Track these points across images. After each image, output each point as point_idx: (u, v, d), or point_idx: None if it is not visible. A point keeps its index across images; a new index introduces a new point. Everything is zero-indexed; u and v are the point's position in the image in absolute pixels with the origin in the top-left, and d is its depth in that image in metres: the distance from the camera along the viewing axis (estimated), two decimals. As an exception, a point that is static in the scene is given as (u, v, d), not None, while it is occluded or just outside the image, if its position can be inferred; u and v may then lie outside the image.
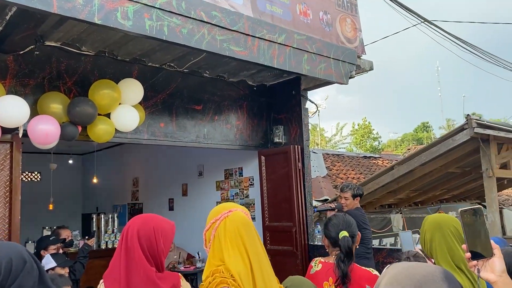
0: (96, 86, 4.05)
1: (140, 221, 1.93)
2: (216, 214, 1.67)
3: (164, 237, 1.94)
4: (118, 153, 8.95)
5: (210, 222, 1.66)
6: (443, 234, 2.14)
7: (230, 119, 5.53)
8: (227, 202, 1.86)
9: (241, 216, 1.66)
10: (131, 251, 1.83)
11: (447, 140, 5.46)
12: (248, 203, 6.20)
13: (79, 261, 4.47)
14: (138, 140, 4.70)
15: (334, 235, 2.32)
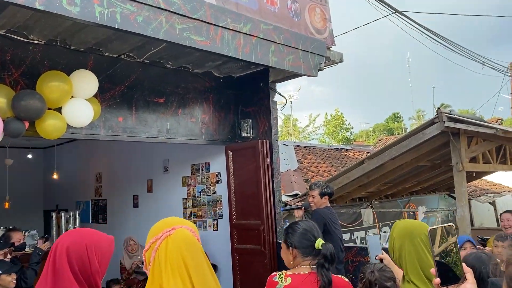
0: (45, 78, 3.71)
1: (71, 237, 1.68)
2: (156, 232, 1.43)
3: (99, 256, 1.69)
4: (81, 146, 8.54)
5: (149, 241, 1.42)
6: (413, 243, 1.97)
7: (195, 113, 5.26)
8: (171, 217, 1.55)
9: (185, 235, 1.42)
10: (59, 272, 1.59)
11: (417, 134, 5.36)
12: (216, 200, 5.97)
13: (32, 268, 4.16)
14: (94, 136, 4.38)
15: (308, 243, 2.12)
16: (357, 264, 4.63)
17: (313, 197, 4.37)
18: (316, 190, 4.36)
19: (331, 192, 4.44)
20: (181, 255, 1.36)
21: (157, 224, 1.48)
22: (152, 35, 3.34)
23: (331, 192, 4.44)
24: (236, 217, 5.43)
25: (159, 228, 1.44)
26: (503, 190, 12.08)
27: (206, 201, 6.10)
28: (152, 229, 1.47)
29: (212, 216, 6.01)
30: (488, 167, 6.35)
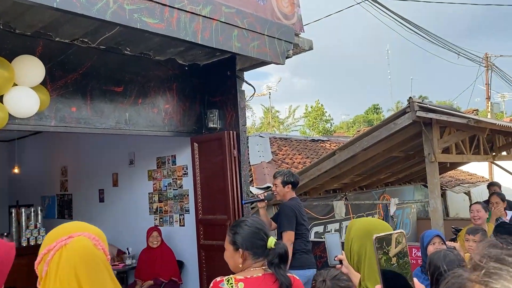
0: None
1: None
2: (50, 241, 1.19)
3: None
4: (45, 140, 8.14)
5: (41, 252, 1.19)
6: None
7: (158, 103, 4.98)
8: (73, 222, 1.30)
9: (82, 245, 1.18)
10: None
11: (389, 124, 5.20)
12: (182, 194, 5.72)
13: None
14: (44, 127, 4.07)
15: (259, 243, 1.90)
16: (325, 259, 4.46)
17: (275, 186, 4.19)
18: (279, 179, 4.16)
19: (294, 181, 4.21)
20: (74, 269, 1.13)
21: (53, 231, 1.24)
22: (97, 16, 3.06)
23: (294, 181, 4.21)
24: (202, 212, 5.20)
25: (53, 237, 1.20)
26: (478, 180, 12.12)
27: (173, 195, 5.85)
28: (47, 237, 1.23)
29: (179, 211, 5.76)
30: (461, 157, 6.25)
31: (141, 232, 5.80)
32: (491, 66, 17.16)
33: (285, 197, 4.18)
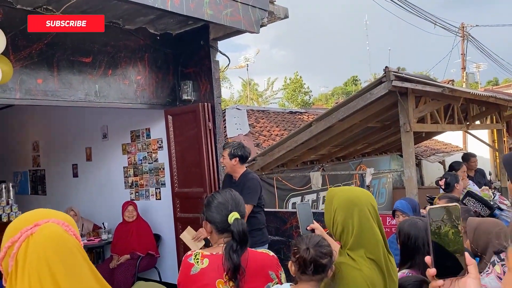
0: None
1: None
2: (13, 233, 1.06)
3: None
4: (14, 113, 7.86)
5: (5, 246, 1.06)
6: (361, 214, 1.75)
7: (129, 74, 4.81)
8: (36, 210, 1.12)
9: (52, 232, 1.06)
10: None
11: (365, 94, 5.17)
12: (158, 168, 5.63)
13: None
14: (9, 100, 3.89)
15: (221, 218, 1.84)
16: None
17: (223, 157, 4.02)
18: (227, 150, 3.97)
19: (242, 154, 3.95)
20: (46, 260, 1.01)
21: (14, 222, 1.11)
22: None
23: (242, 154, 3.95)
24: (178, 185, 5.13)
25: (16, 227, 1.07)
26: (452, 149, 12.37)
27: (148, 169, 5.75)
28: (8, 229, 1.09)
29: (155, 185, 5.68)
30: (436, 127, 6.31)
31: (116, 206, 5.71)
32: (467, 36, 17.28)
33: (235, 170, 3.99)
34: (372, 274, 1.69)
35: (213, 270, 1.73)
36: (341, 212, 1.79)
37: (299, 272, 1.67)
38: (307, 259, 1.63)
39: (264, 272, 1.79)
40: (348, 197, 1.82)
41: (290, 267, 1.72)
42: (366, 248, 1.71)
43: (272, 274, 1.80)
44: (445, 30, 12.52)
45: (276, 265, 1.85)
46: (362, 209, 1.75)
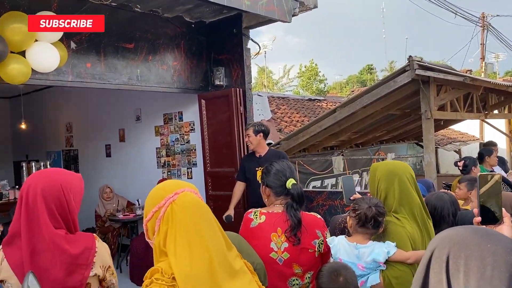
0: (6, 19, 3.52)
1: (43, 179, 1.65)
2: (158, 200, 1.27)
3: (74, 193, 1.69)
4: (50, 96, 8.27)
5: (151, 210, 1.27)
6: (401, 182, 2.09)
7: (166, 60, 5.13)
8: (168, 181, 1.38)
9: (191, 199, 1.27)
10: (35, 214, 1.58)
11: (388, 82, 5.41)
12: (189, 149, 5.98)
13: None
14: (62, 82, 4.24)
15: (280, 183, 2.15)
16: (327, 207, 4.80)
17: (248, 136, 4.41)
18: (250, 129, 4.38)
19: (265, 129, 4.42)
20: (192, 221, 1.22)
21: (155, 192, 1.32)
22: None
23: (265, 129, 4.42)
24: (210, 165, 5.47)
25: (159, 196, 1.28)
26: (469, 139, 12.52)
27: (180, 150, 6.10)
28: (151, 197, 1.31)
29: (186, 165, 6.04)
30: (455, 115, 6.53)
31: (149, 184, 6.01)
32: (487, 26, 17.22)
33: (261, 146, 4.38)
34: (413, 231, 2.03)
35: (268, 225, 2.05)
36: (384, 181, 2.13)
37: (357, 226, 2.03)
38: (369, 216, 1.98)
39: (312, 230, 2.06)
40: (388, 168, 2.16)
41: (348, 221, 2.07)
42: (407, 210, 2.05)
43: (318, 232, 2.08)
44: (464, 20, 12.54)
45: (323, 226, 2.12)
46: (402, 178, 2.08)
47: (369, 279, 2.00)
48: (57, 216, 1.60)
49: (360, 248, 2.03)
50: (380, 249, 1.99)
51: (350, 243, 2.07)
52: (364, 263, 2.01)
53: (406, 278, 1.98)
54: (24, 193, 1.60)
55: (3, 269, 1.57)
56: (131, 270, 5.61)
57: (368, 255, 2.00)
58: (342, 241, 2.09)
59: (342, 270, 1.82)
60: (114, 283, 1.74)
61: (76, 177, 1.75)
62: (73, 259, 1.58)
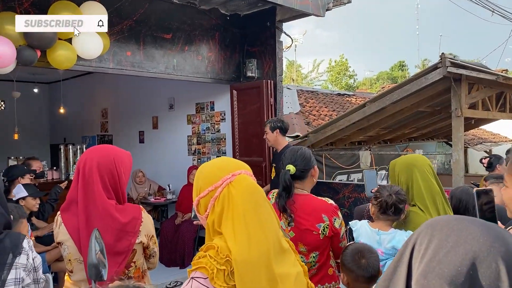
0: (55, 8, 3.76)
1: (99, 153, 1.84)
2: (214, 179, 1.26)
3: (124, 168, 1.88)
4: (87, 82, 8.61)
5: (207, 188, 1.26)
6: (420, 173, 2.19)
7: (201, 50, 5.31)
8: (223, 159, 1.36)
9: (249, 183, 1.26)
10: (90, 185, 1.77)
11: (420, 78, 5.42)
12: (219, 138, 6.16)
13: (50, 203, 4.39)
14: (103, 69, 4.47)
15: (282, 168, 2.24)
16: (352, 199, 4.89)
17: (266, 133, 4.37)
18: (267, 126, 4.32)
19: (282, 126, 4.30)
20: (251, 203, 1.22)
21: (211, 170, 1.30)
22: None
23: (282, 126, 4.30)
24: (239, 154, 5.64)
25: (216, 175, 1.26)
26: (501, 140, 12.26)
27: (210, 138, 6.29)
28: (208, 175, 1.28)
29: (216, 153, 6.22)
30: (486, 114, 6.46)
31: (180, 170, 6.31)
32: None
33: (278, 142, 4.32)
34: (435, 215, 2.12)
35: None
36: (403, 174, 2.23)
37: (379, 213, 2.13)
38: (389, 203, 2.09)
39: (318, 214, 2.08)
40: (407, 161, 2.27)
41: (370, 208, 2.18)
42: (429, 200, 2.15)
43: (324, 217, 2.08)
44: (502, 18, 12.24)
45: (332, 211, 2.10)
46: (421, 169, 2.18)
47: (387, 264, 2.11)
48: (109, 187, 1.78)
49: (382, 235, 2.14)
50: (401, 237, 2.09)
51: (372, 229, 2.18)
52: (384, 249, 2.12)
53: None
54: (81, 165, 1.79)
55: (61, 232, 1.76)
56: (160, 251, 5.84)
57: (388, 242, 2.11)
58: (364, 225, 2.21)
59: (367, 253, 1.88)
60: (156, 252, 1.91)
61: (126, 154, 1.92)
62: (122, 226, 1.76)
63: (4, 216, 1.62)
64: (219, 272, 1.14)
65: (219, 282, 1.14)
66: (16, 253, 1.56)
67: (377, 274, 1.86)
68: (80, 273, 1.76)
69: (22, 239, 1.59)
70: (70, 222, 1.76)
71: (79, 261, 1.75)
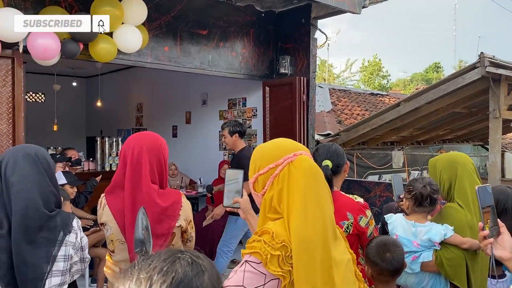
0: (98, 3, 3.90)
1: (147, 138, 1.91)
2: (276, 157, 1.26)
3: (167, 154, 1.95)
4: (123, 77, 8.86)
5: (267, 166, 1.26)
6: (464, 170, 2.17)
7: (236, 47, 5.37)
8: (283, 140, 1.36)
9: (310, 164, 1.25)
10: (138, 169, 1.83)
11: (456, 78, 5.31)
12: (251, 134, 6.21)
13: (85, 195, 4.54)
14: (142, 63, 4.60)
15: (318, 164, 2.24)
16: (384, 198, 4.85)
17: (224, 137, 4.41)
18: (226, 129, 4.33)
19: (241, 130, 4.36)
20: (309, 185, 1.21)
21: (271, 149, 1.31)
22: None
23: (241, 130, 4.36)
24: (270, 150, 5.67)
25: (277, 154, 1.27)
26: (541, 145, 11.81)
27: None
28: (268, 153, 1.29)
29: (247, 149, 6.28)
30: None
31: (211, 165, 6.41)
32: None
33: (236, 145, 4.37)
34: (474, 219, 2.10)
35: None
36: (447, 171, 2.21)
37: (415, 206, 2.14)
38: (424, 194, 2.09)
39: (342, 212, 2.03)
40: (450, 158, 2.25)
41: (404, 203, 2.19)
42: (471, 198, 2.12)
43: (349, 214, 2.04)
44: (546, 18, 11.78)
45: (358, 209, 2.06)
46: (464, 166, 2.16)
47: (422, 255, 2.11)
48: (155, 172, 1.85)
49: (418, 227, 2.14)
50: (437, 230, 2.09)
51: (408, 221, 2.19)
52: (420, 241, 2.12)
53: (458, 261, 2.07)
54: (129, 150, 1.85)
55: (105, 213, 1.85)
56: (190, 243, 5.97)
57: (424, 234, 2.11)
58: (399, 218, 2.22)
59: (391, 246, 1.86)
60: (193, 236, 1.98)
61: (164, 140, 2.00)
62: (162, 210, 1.83)
63: (55, 195, 1.72)
64: (273, 257, 1.13)
65: (273, 267, 1.13)
66: (66, 231, 1.64)
67: (401, 268, 1.85)
68: (121, 253, 1.84)
69: (72, 218, 1.68)
70: (114, 203, 1.84)
71: (121, 242, 1.83)
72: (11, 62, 3.71)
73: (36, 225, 1.61)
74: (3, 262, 1.55)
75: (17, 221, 1.60)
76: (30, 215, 1.60)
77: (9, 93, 3.71)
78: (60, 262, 1.62)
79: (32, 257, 1.56)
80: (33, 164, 1.70)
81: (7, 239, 1.59)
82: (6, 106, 3.70)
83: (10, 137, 3.73)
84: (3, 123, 3.69)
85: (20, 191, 1.63)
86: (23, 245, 1.56)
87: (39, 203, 1.64)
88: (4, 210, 1.63)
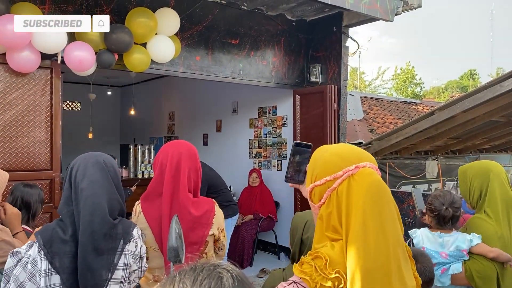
0: (133, 14, 4.00)
1: (184, 147, 1.93)
2: (335, 169, 1.12)
3: (200, 163, 1.96)
4: (156, 86, 9.04)
5: (324, 178, 1.13)
6: (497, 178, 2.10)
7: (267, 56, 5.39)
8: (347, 146, 1.18)
9: (374, 179, 1.09)
10: (176, 178, 1.85)
11: (494, 86, 5.14)
12: (281, 142, 6.20)
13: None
14: (174, 72, 4.68)
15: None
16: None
17: None
18: None
19: None
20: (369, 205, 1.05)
21: (331, 158, 1.16)
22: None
23: None
24: (300, 158, 5.63)
25: (337, 165, 1.13)
26: None
27: (272, 142, 6.35)
28: (327, 163, 1.15)
29: (277, 157, 6.27)
30: None
31: (241, 173, 6.43)
32: None
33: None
34: (503, 230, 2.02)
35: None
36: (478, 179, 2.13)
37: (438, 225, 2.09)
38: (447, 217, 2.04)
39: None
40: (481, 165, 2.17)
41: (427, 218, 2.14)
42: (502, 208, 2.04)
43: None
44: None
45: None
46: (497, 174, 2.08)
47: (451, 267, 2.05)
48: (192, 180, 1.87)
49: (444, 237, 2.10)
50: (464, 237, 2.05)
51: (433, 233, 2.15)
52: (448, 251, 2.07)
53: (488, 273, 2.00)
54: (167, 158, 1.87)
55: (140, 221, 1.87)
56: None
57: (451, 243, 2.06)
58: (424, 231, 2.18)
59: (420, 257, 1.82)
60: (225, 245, 1.98)
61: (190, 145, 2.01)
62: (196, 219, 1.84)
63: (120, 203, 1.73)
64: (322, 287, 1.03)
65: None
66: (126, 240, 1.64)
67: (433, 278, 1.84)
68: (155, 260, 1.86)
69: (132, 227, 1.68)
70: (149, 211, 1.86)
71: (155, 249, 1.85)
72: (49, 72, 3.85)
73: (102, 232, 1.62)
74: (66, 266, 1.56)
75: (84, 226, 1.61)
76: (97, 221, 1.61)
77: (48, 102, 3.85)
78: (119, 271, 1.62)
79: (95, 263, 1.57)
80: (102, 171, 1.71)
81: (71, 245, 1.60)
82: (45, 114, 3.83)
83: (48, 144, 3.85)
84: (42, 131, 3.82)
85: (89, 197, 1.64)
86: (89, 250, 1.57)
87: (105, 210, 1.65)
88: (71, 216, 1.65)
